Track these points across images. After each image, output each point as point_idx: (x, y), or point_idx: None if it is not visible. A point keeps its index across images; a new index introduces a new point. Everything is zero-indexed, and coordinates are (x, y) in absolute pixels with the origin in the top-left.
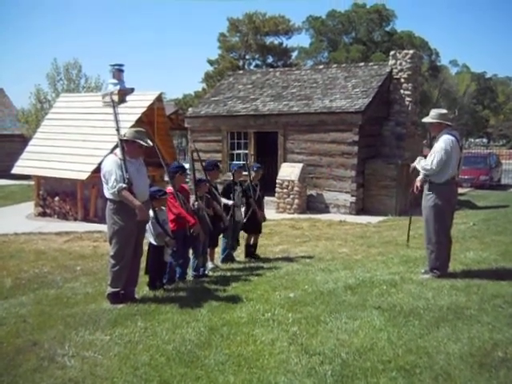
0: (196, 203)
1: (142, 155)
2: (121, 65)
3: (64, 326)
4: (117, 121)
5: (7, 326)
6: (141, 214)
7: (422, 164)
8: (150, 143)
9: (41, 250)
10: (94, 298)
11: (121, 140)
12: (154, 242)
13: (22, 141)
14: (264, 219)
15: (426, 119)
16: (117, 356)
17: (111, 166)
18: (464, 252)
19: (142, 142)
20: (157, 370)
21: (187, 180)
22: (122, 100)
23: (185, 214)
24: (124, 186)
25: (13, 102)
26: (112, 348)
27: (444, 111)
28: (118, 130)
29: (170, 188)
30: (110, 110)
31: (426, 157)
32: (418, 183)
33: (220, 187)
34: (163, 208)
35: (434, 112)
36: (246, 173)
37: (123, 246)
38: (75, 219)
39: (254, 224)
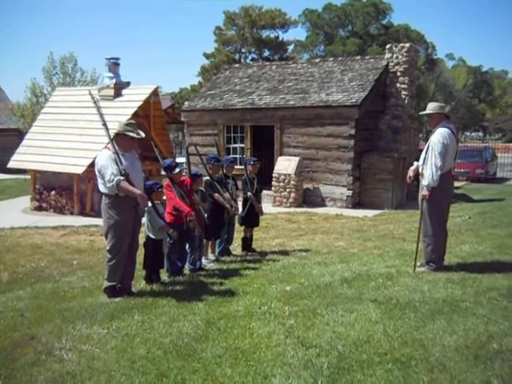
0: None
1: (134, 148)
2: (117, 58)
3: (61, 320)
4: (101, 115)
5: (4, 320)
6: (142, 202)
7: (426, 183)
8: (142, 134)
9: (37, 244)
10: (91, 291)
11: (112, 134)
12: (152, 236)
13: (18, 135)
14: (261, 213)
15: (425, 111)
16: (114, 349)
17: (106, 160)
18: (459, 245)
19: (132, 135)
20: (154, 363)
21: (184, 174)
22: (117, 94)
23: (180, 203)
24: (122, 178)
25: (8, 96)
26: (109, 341)
27: (442, 105)
28: (104, 124)
29: (167, 181)
30: (107, 104)
31: (421, 151)
32: (410, 173)
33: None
34: (159, 202)
35: (432, 105)
36: (241, 166)
37: (119, 240)
38: (71, 213)
39: (252, 218)
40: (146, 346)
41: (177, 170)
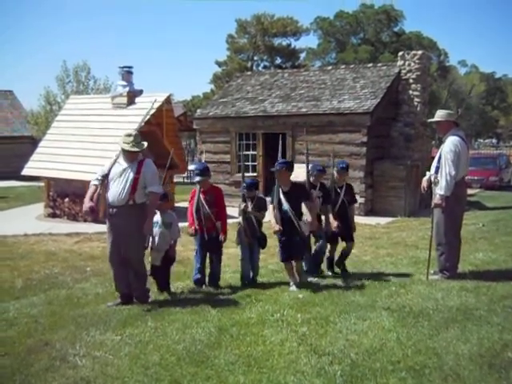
0: (243, 205)
1: (130, 159)
2: (130, 67)
3: (75, 326)
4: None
5: (19, 326)
6: (84, 209)
7: (442, 192)
8: (136, 149)
9: (51, 251)
10: (105, 298)
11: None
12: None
13: (32, 142)
14: (336, 228)
15: (433, 119)
16: (127, 356)
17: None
18: (473, 253)
19: (124, 147)
20: (167, 370)
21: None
22: (130, 102)
23: (189, 213)
24: (94, 182)
25: (22, 104)
26: (122, 348)
27: (451, 112)
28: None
29: (194, 188)
30: (119, 112)
31: (433, 158)
32: (424, 183)
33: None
34: (169, 211)
35: (440, 112)
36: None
37: (108, 249)
38: (85, 220)
39: (334, 234)
40: (159, 353)
41: (197, 178)
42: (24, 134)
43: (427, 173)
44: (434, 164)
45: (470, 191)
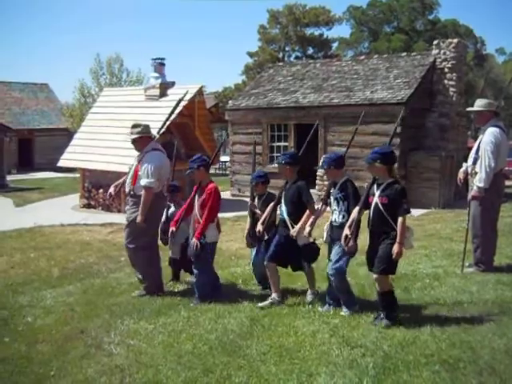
0: (249, 203)
1: (137, 149)
2: (162, 59)
3: (109, 315)
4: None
5: (56, 314)
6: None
7: (482, 185)
8: (131, 136)
9: (86, 241)
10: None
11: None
12: None
13: (67, 134)
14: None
15: (473, 108)
16: (161, 344)
17: None
18: (510, 246)
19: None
20: (200, 359)
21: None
22: (163, 93)
23: (178, 212)
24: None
25: (57, 97)
26: (156, 336)
27: (491, 101)
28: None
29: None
30: (152, 104)
31: (470, 149)
32: (460, 175)
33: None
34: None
35: (481, 101)
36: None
37: None
38: (119, 211)
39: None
40: (192, 342)
41: (188, 171)
42: (59, 127)
43: (464, 164)
44: (472, 155)
45: (507, 182)
